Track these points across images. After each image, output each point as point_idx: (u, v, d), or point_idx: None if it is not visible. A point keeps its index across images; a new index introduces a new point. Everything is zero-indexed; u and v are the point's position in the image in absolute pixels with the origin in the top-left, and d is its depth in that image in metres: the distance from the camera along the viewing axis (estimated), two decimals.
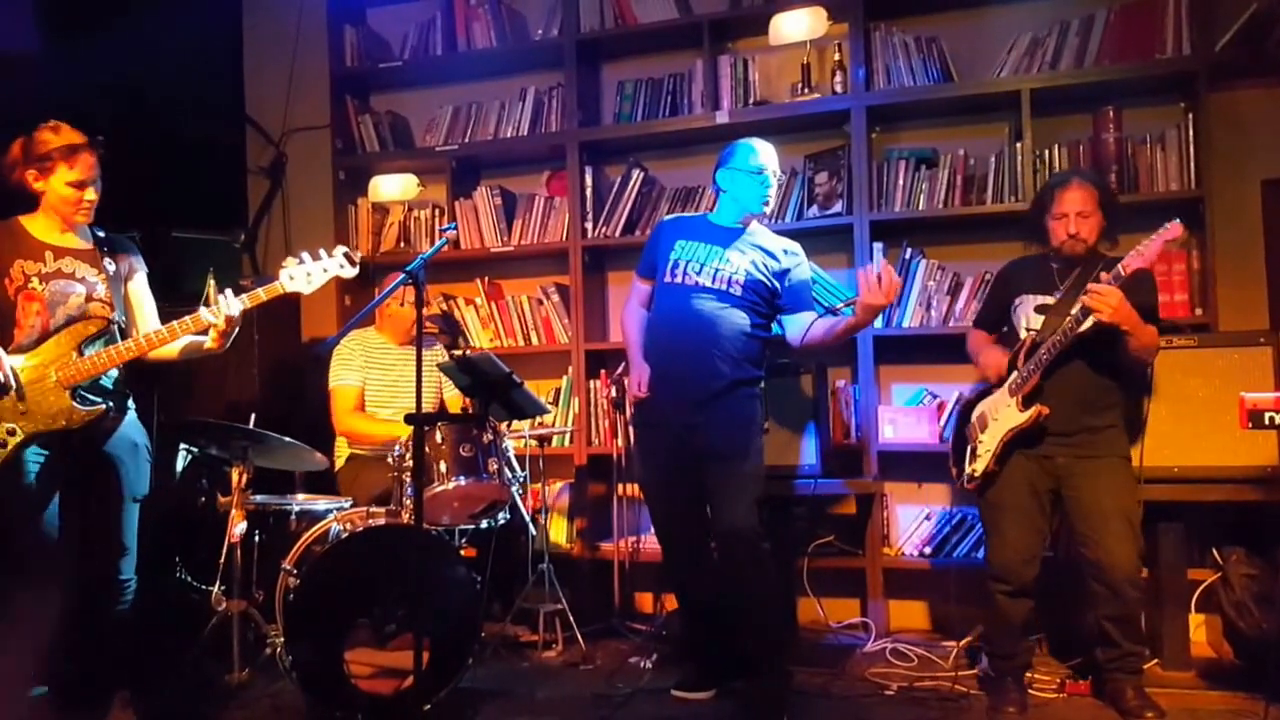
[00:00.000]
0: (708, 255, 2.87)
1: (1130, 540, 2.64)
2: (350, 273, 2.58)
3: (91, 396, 2.46)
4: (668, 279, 2.91)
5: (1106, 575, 2.63)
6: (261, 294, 2.52)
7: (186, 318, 2.50)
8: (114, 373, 2.52)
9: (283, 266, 2.55)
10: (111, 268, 2.55)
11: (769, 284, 2.86)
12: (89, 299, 2.49)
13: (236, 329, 2.55)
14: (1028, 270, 2.85)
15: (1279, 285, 3.37)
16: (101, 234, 2.60)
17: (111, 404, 2.50)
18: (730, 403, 2.78)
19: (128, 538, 2.54)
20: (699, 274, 2.85)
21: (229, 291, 2.52)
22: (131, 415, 2.59)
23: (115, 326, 2.52)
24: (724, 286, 2.82)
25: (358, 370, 3.47)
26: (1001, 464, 2.74)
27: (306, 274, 2.54)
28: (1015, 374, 2.72)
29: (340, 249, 2.60)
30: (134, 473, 2.55)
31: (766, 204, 2.92)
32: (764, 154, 2.89)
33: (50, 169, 2.44)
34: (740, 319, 2.82)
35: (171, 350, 2.61)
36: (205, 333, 2.54)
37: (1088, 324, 2.55)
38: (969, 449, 2.84)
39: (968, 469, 2.83)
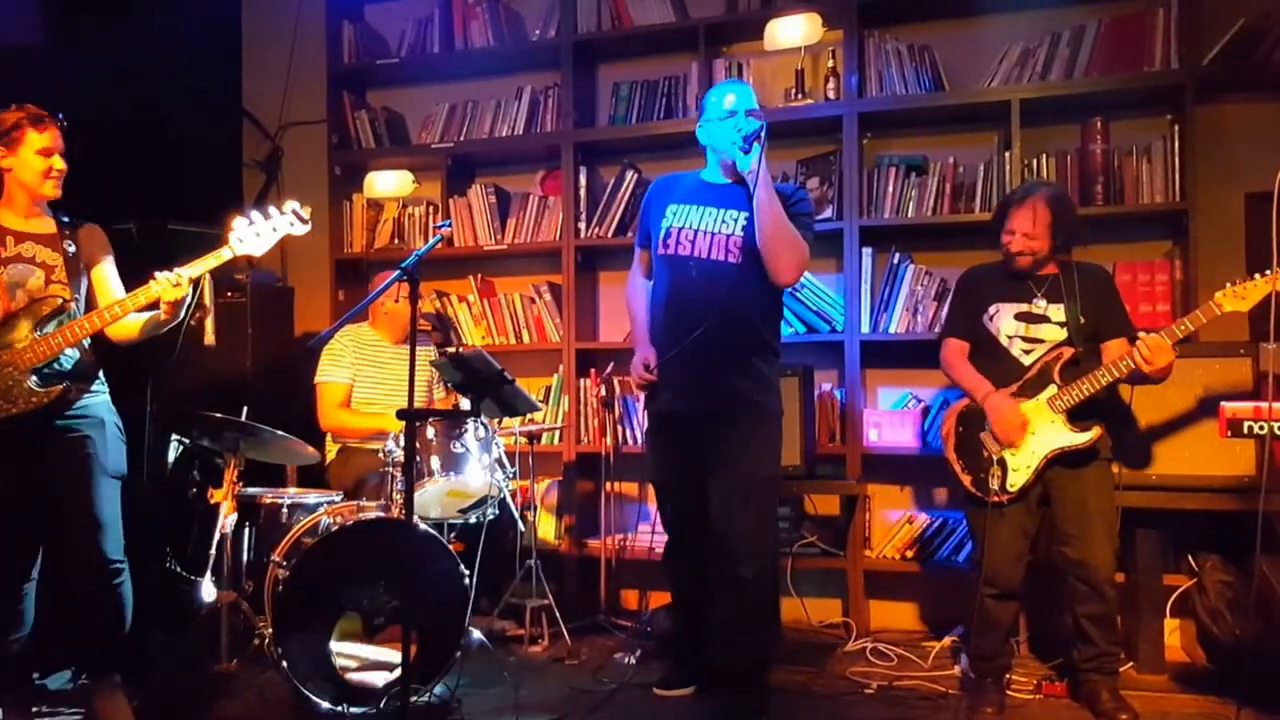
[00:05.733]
0: (701, 219, 2.66)
1: (1109, 541, 2.71)
2: (301, 230, 2.48)
3: (51, 376, 2.43)
4: (662, 250, 2.70)
5: (1089, 575, 2.69)
6: (211, 260, 2.45)
7: (138, 290, 2.42)
8: (74, 354, 2.48)
9: (229, 229, 2.44)
10: (71, 249, 2.51)
11: None
12: (48, 281, 2.46)
13: (189, 299, 2.46)
14: (995, 278, 2.85)
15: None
16: (66, 219, 2.56)
17: (72, 383, 2.46)
18: (743, 393, 2.63)
19: (101, 512, 2.46)
20: (694, 241, 2.64)
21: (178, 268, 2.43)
22: (102, 396, 2.55)
23: (72, 306, 2.48)
24: (723, 254, 2.62)
25: (346, 367, 3.48)
26: (1040, 478, 2.71)
27: (256, 234, 2.46)
28: (1055, 388, 2.68)
29: (290, 204, 2.49)
30: (103, 448, 2.49)
31: (745, 148, 2.54)
32: (731, 94, 2.64)
33: (19, 139, 2.43)
34: (745, 282, 2.61)
35: (131, 328, 2.53)
36: (157, 305, 2.46)
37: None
38: (994, 461, 2.73)
39: (995, 484, 2.70)
